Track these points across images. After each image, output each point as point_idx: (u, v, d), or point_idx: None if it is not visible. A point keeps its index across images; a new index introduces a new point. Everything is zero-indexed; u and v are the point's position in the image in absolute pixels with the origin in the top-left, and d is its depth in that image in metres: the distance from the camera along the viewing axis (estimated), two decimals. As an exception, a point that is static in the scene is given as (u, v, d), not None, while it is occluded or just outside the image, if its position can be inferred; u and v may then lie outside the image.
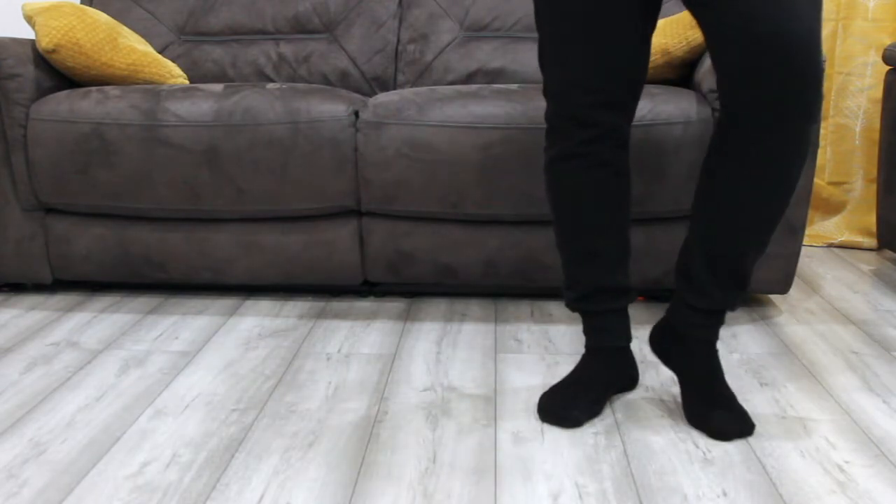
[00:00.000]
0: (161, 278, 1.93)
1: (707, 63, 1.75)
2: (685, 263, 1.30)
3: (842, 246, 2.44)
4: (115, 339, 1.72)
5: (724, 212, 1.24)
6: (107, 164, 1.81)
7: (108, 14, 2.30)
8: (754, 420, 1.33)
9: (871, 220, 2.41)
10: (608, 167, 1.32)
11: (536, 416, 1.36)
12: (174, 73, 2.08)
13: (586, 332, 1.42)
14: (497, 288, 1.96)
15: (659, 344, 1.39)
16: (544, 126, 1.70)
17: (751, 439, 1.28)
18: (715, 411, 1.29)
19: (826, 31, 2.35)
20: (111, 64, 1.95)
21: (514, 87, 1.80)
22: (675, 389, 1.46)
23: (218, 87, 1.83)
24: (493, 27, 2.22)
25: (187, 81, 2.15)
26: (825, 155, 2.43)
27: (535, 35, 2.22)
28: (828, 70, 2.37)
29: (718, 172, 1.23)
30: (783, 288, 1.81)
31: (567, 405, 1.36)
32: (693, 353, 1.33)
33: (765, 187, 1.20)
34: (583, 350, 1.62)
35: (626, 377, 1.44)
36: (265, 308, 1.89)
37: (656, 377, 1.51)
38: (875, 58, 2.34)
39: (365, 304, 1.91)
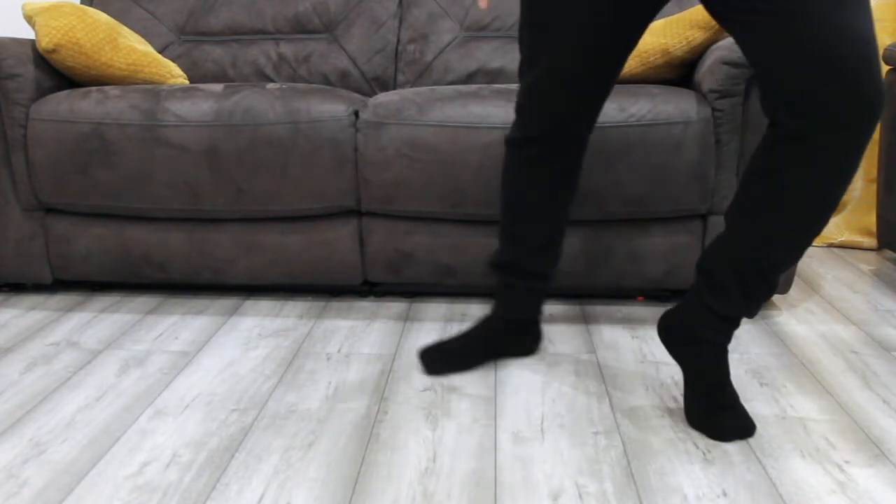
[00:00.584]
0: (161, 278, 1.93)
1: (707, 63, 1.75)
2: (710, 266, 1.26)
3: (842, 246, 2.44)
4: (115, 339, 1.72)
5: (767, 224, 1.19)
6: (107, 164, 1.81)
7: (108, 14, 2.30)
8: (754, 420, 1.33)
9: (871, 220, 2.41)
10: (554, 163, 1.38)
11: (535, 420, 1.36)
12: (174, 73, 2.08)
13: (494, 296, 1.55)
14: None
15: (668, 336, 1.35)
16: (544, 126, 1.71)
17: (751, 439, 1.28)
18: (717, 414, 1.29)
19: (826, 31, 2.35)
20: (111, 64, 1.95)
21: (514, 87, 1.80)
22: (675, 390, 1.46)
23: (218, 87, 1.83)
24: (493, 27, 2.22)
25: (187, 81, 2.15)
26: (825, 155, 2.43)
27: (535, 35, 2.22)
28: (828, 70, 2.36)
29: (765, 185, 1.18)
30: (783, 288, 1.81)
31: (438, 356, 1.53)
32: (704, 355, 1.30)
33: (815, 201, 1.16)
34: (582, 351, 1.63)
35: (518, 346, 1.58)
36: (265, 308, 1.89)
37: (656, 377, 1.51)
38: (875, 58, 2.34)
39: (365, 304, 1.91)
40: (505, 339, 1.56)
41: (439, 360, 1.53)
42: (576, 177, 1.43)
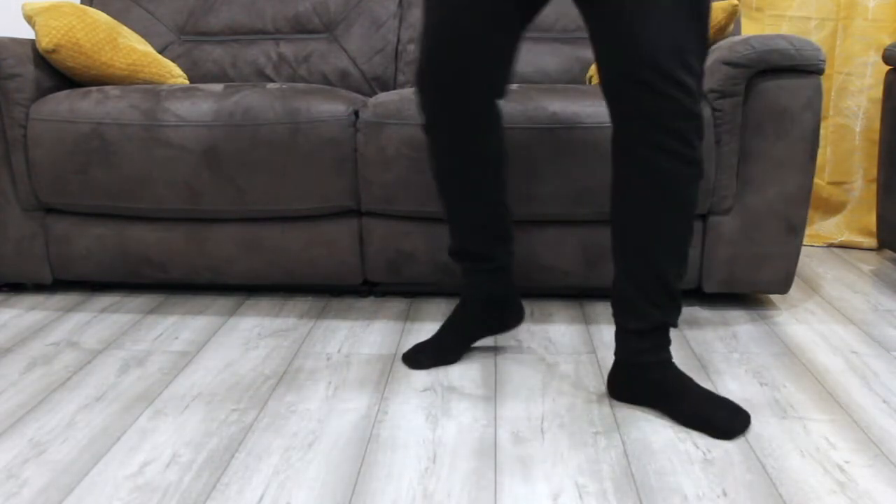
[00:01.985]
0: (161, 278, 1.93)
1: (707, 63, 1.75)
2: (616, 288, 1.34)
3: (842, 246, 2.44)
4: (115, 339, 1.72)
5: (625, 229, 1.28)
6: (107, 164, 1.81)
7: (108, 14, 2.30)
8: (754, 420, 1.34)
9: (871, 220, 2.41)
10: (457, 147, 1.38)
11: (535, 420, 1.36)
12: (174, 73, 2.08)
13: (461, 281, 1.56)
14: (497, 288, 1.96)
15: (621, 389, 1.39)
16: (544, 126, 1.71)
17: (751, 439, 1.28)
18: (713, 413, 1.29)
19: (826, 31, 2.36)
20: (111, 64, 1.95)
21: (513, 87, 1.80)
22: (675, 389, 1.46)
23: (218, 87, 1.83)
24: (493, 27, 2.22)
25: (187, 81, 2.15)
26: (825, 155, 2.44)
27: (535, 35, 2.22)
28: (828, 70, 2.37)
29: (613, 185, 1.29)
30: (783, 288, 1.81)
31: (419, 350, 1.55)
32: (656, 378, 1.34)
33: (648, 203, 1.24)
34: (582, 351, 1.63)
35: (495, 323, 1.55)
36: (265, 308, 1.89)
37: (656, 377, 1.51)
38: (875, 58, 2.34)
39: (365, 304, 1.91)
40: (480, 320, 1.54)
41: (423, 355, 1.55)
42: (489, 158, 1.39)
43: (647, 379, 1.34)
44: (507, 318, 1.56)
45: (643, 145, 1.21)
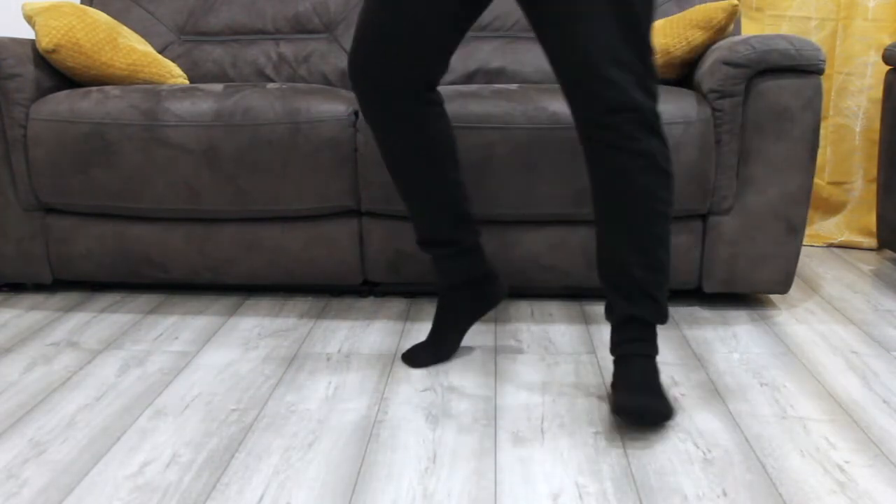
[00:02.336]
0: (161, 278, 1.93)
1: (707, 63, 1.75)
2: (607, 294, 1.36)
3: (842, 246, 2.44)
4: (115, 339, 1.72)
5: (596, 223, 1.33)
6: (107, 164, 1.81)
7: (108, 14, 2.30)
8: (754, 419, 1.34)
9: (871, 220, 2.41)
10: (391, 138, 1.37)
11: (535, 420, 1.36)
12: (174, 73, 2.08)
13: (435, 270, 1.54)
14: (497, 288, 1.96)
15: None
16: (544, 126, 1.71)
17: (751, 439, 1.28)
18: (636, 401, 1.27)
19: (826, 31, 2.36)
20: (111, 64, 1.95)
21: (514, 87, 1.80)
22: (675, 390, 1.46)
23: (218, 87, 1.83)
24: (493, 27, 2.22)
25: (187, 81, 2.15)
26: (825, 155, 2.44)
27: (535, 36, 2.22)
28: (828, 70, 2.37)
29: (592, 189, 1.32)
30: (783, 288, 1.81)
31: (417, 350, 1.56)
32: (629, 366, 1.32)
33: (604, 196, 1.28)
34: (582, 351, 1.63)
35: (482, 302, 1.54)
36: (265, 308, 1.89)
37: (656, 377, 1.51)
38: (875, 58, 2.34)
39: (365, 304, 1.91)
40: (465, 306, 1.53)
41: (421, 354, 1.55)
42: (429, 143, 1.38)
43: (618, 373, 1.33)
44: (491, 294, 1.54)
45: (590, 142, 1.25)
